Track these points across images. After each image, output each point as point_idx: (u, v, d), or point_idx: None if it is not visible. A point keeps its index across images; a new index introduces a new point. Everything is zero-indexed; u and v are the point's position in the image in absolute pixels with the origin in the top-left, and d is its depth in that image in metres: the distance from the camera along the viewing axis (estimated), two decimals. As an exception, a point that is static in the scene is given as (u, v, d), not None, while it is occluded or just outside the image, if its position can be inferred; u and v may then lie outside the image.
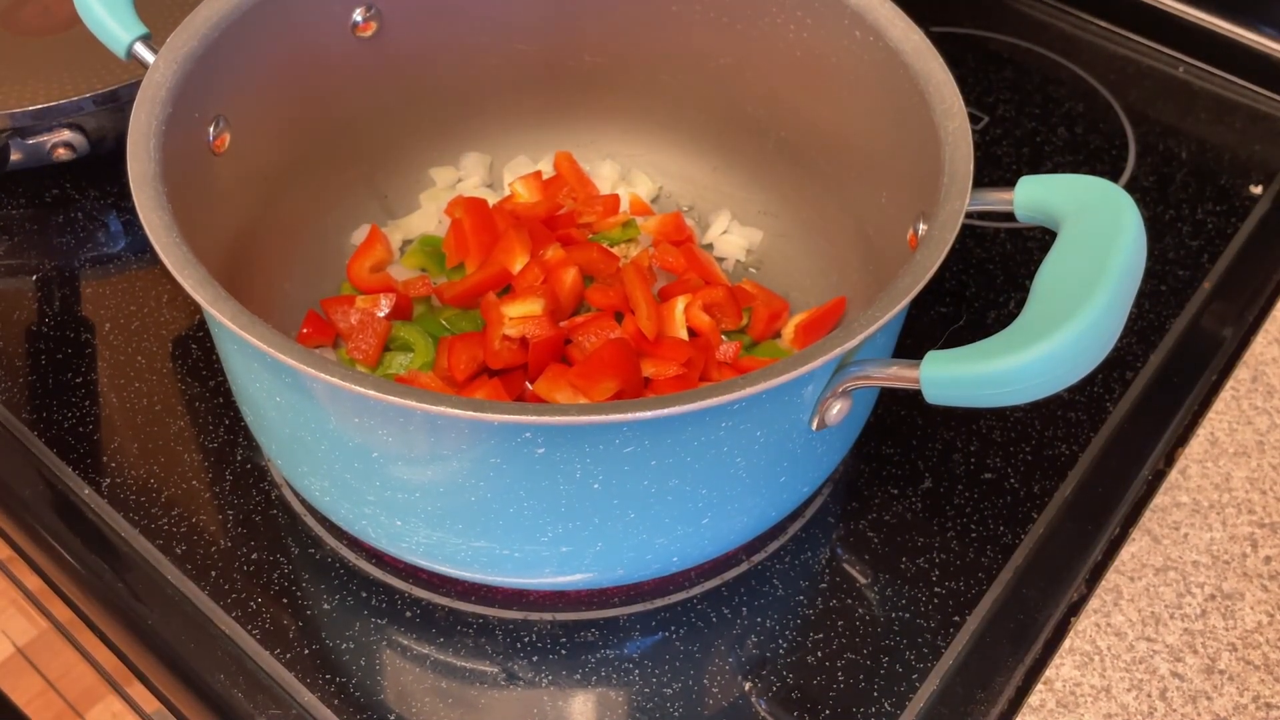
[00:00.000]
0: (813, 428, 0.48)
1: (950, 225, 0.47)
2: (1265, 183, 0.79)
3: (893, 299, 0.45)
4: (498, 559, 0.50)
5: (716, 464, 0.47)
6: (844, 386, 0.46)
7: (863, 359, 0.46)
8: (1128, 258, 0.44)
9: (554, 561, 0.50)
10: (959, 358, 0.43)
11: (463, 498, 0.47)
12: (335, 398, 0.45)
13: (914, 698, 0.53)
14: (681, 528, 0.49)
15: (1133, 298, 0.44)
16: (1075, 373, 0.42)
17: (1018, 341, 0.42)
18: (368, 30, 0.64)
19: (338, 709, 0.52)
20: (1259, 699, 0.53)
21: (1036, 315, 0.43)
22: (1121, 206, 0.46)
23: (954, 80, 0.54)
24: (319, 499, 0.53)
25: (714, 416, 0.44)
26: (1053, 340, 0.41)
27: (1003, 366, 0.42)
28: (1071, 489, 0.61)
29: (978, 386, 0.42)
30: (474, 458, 0.45)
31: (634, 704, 0.53)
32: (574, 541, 0.48)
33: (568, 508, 0.47)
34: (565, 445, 0.44)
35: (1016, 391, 0.42)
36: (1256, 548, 0.59)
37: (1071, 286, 0.43)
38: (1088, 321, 0.41)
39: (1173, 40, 0.89)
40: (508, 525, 0.48)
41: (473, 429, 0.44)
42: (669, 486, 0.47)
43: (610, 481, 0.46)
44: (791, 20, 0.62)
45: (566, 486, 0.45)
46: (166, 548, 0.57)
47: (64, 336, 0.66)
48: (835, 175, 0.65)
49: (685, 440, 0.45)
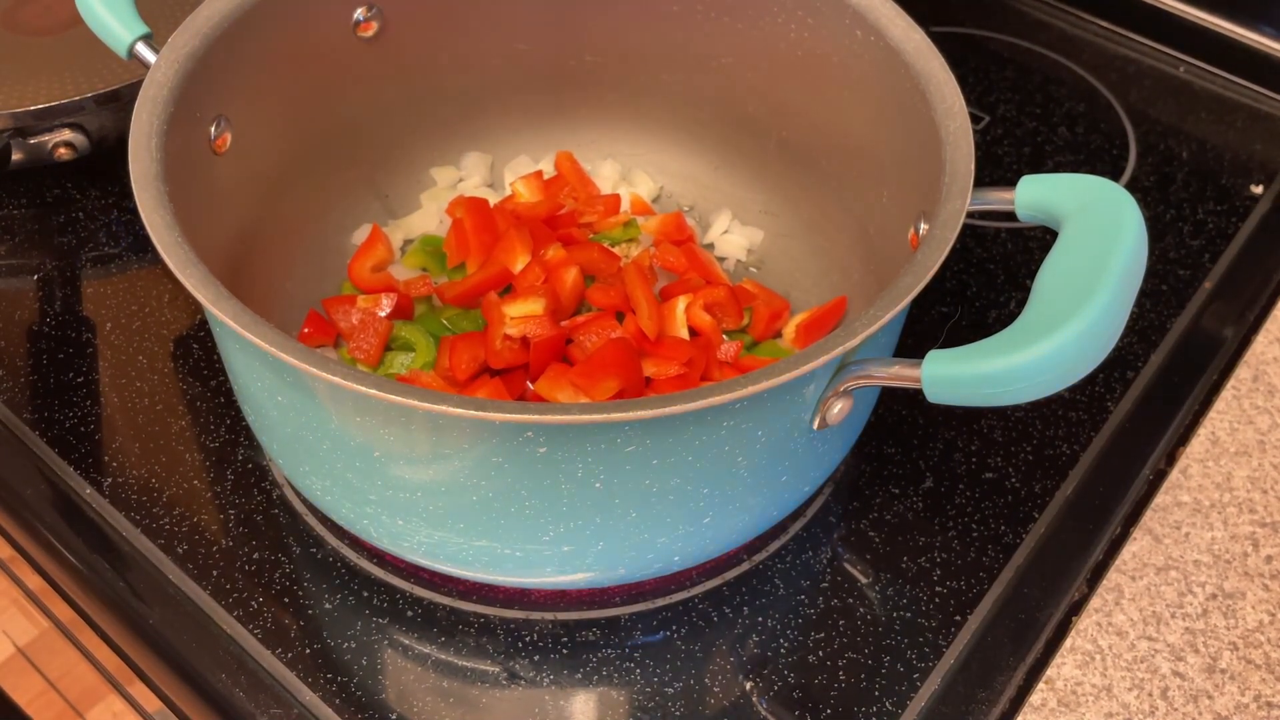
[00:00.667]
0: (814, 427, 0.48)
1: (951, 225, 0.47)
2: (1266, 182, 0.79)
3: (894, 299, 0.45)
4: (499, 558, 0.50)
5: (718, 463, 0.47)
6: (845, 386, 0.46)
7: (864, 358, 0.46)
8: (1129, 257, 0.44)
9: (555, 561, 0.50)
10: (960, 357, 0.43)
11: (464, 497, 0.47)
12: (337, 397, 0.45)
13: (915, 697, 0.53)
14: (683, 527, 0.49)
15: (1134, 297, 0.44)
16: (1076, 372, 0.42)
17: (1019, 341, 0.42)
18: (369, 30, 0.64)
19: (339, 708, 0.52)
20: (1260, 698, 0.53)
21: (1037, 315, 0.43)
22: (1123, 206, 0.46)
23: (955, 80, 0.54)
24: (320, 498, 0.53)
25: (715, 416, 0.44)
26: (1053, 340, 0.41)
27: (1004, 366, 0.42)
28: (1073, 488, 0.61)
29: (979, 386, 0.42)
30: (476, 457, 0.45)
31: (635, 703, 0.53)
32: (575, 541, 0.48)
33: (569, 507, 0.47)
34: (567, 444, 0.44)
35: (1017, 391, 0.42)
36: (1258, 547, 0.59)
37: (1072, 286, 0.43)
38: (1088, 321, 0.41)
39: (1173, 40, 0.89)
40: (509, 525, 0.48)
41: (475, 428, 0.44)
42: (671, 486, 0.47)
43: (612, 481, 0.46)
44: (792, 20, 0.62)
45: (568, 486, 0.45)
46: (168, 547, 0.57)
47: (65, 336, 0.66)
48: (836, 175, 0.65)
49: (687, 440, 0.45)
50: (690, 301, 0.63)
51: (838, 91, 0.62)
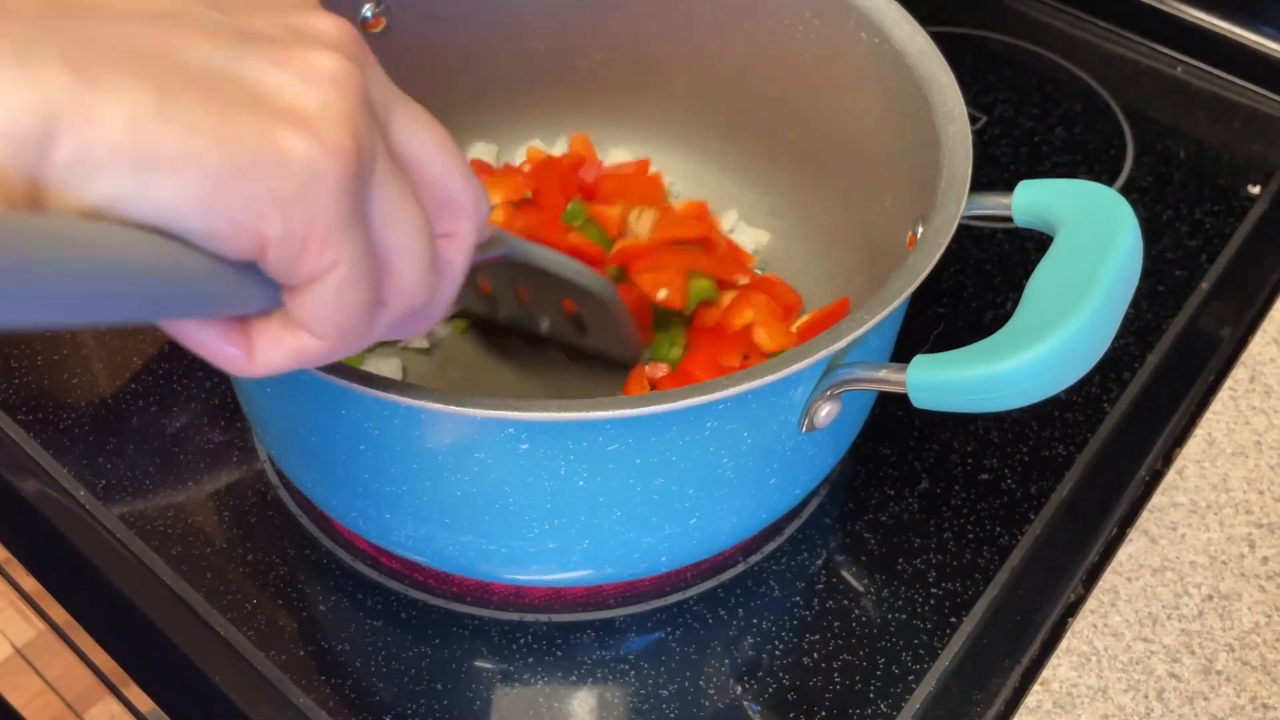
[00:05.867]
0: (802, 430, 0.48)
1: (945, 230, 0.47)
2: (1263, 183, 0.79)
3: (883, 302, 0.44)
4: (485, 553, 0.50)
5: (703, 464, 0.47)
6: (833, 389, 0.46)
7: (852, 361, 0.46)
8: (1121, 265, 0.44)
9: (541, 557, 0.50)
10: (945, 363, 0.42)
11: (449, 492, 0.47)
12: (321, 390, 0.45)
13: (910, 699, 0.53)
14: (669, 527, 0.49)
15: (1126, 304, 0.44)
16: (1063, 380, 0.42)
17: (1004, 348, 0.41)
18: (377, 26, 0.64)
19: (333, 710, 0.52)
20: (1256, 700, 0.53)
21: (1025, 322, 0.42)
22: (1118, 212, 0.46)
23: (957, 84, 0.53)
24: (312, 490, 0.53)
25: (698, 416, 0.44)
26: (1039, 347, 0.41)
27: (988, 372, 0.41)
28: (1068, 490, 0.61)
29: (963, 392, 0.42)
30: (459, 452, 0.45)
31: (630, 705, 0.53)
32: (561, 538, 0.48)
33: (553, 504, 0.47)
34: (549, 442, 0.44)
35: (1003, 398, 0.42)
36: (1254, 548, 0.59)
37: (1062, 293, 0.43)
38: (1075, 329, 0.41)
39: (1171, 40, 0.89)
40: (494, 520, 0.48)
41: (457, 423, 0.44)
42: (655, 485, 0.47)
43: (595, 479, 0.46)
44: (799, 21, 0.62)
45: (551, 483, 0.45)
46: (162, 549, 0.57)
47: (60, 337, 0.66)
48: (841, 177, 0.65)
49: (670, 439, 0.45)
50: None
51: (843, 94, 0.62)
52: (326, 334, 0.32)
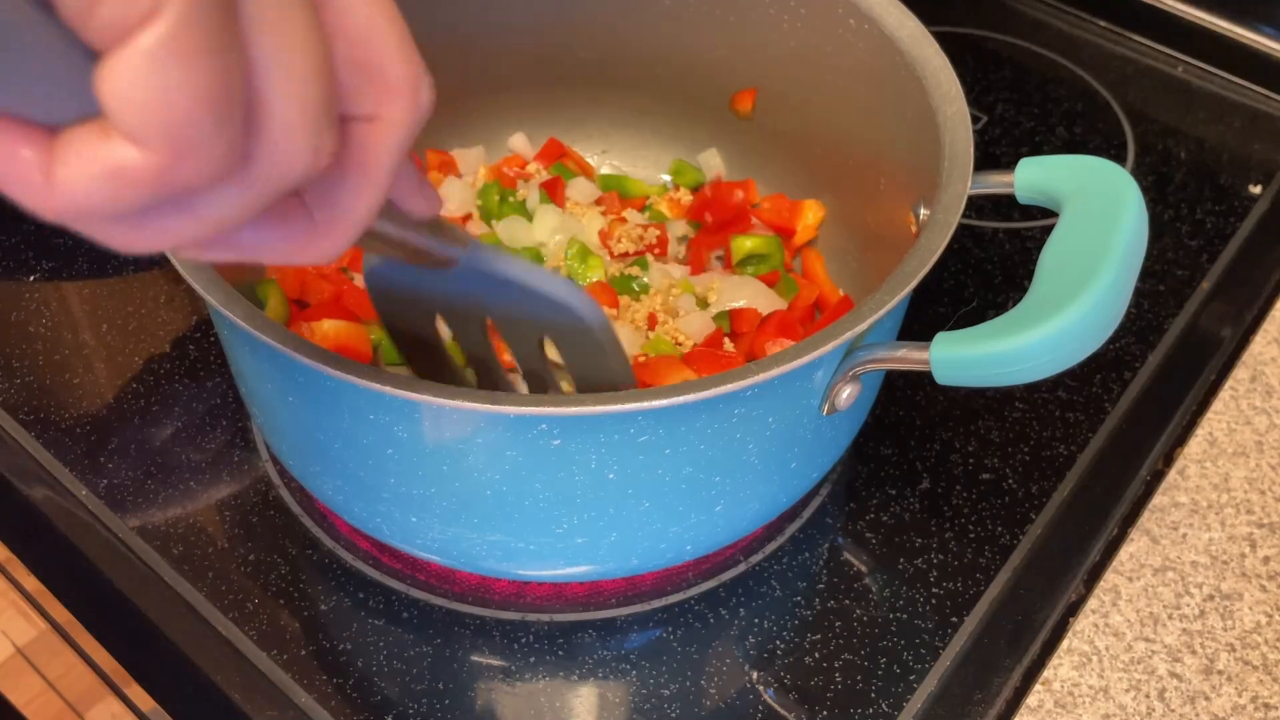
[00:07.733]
0: (824, 412, 0.48)
1: (954, 208, 0.48)
2: (1264, 182, 0.79)
3: (900, 282, 0.45)
4: (513, 552, 0.50)
5: (729, 451, 0.47)
6: (854, 370, 0.47)
7: (871, 343, 0.47)
8: (1130, 235, 0.44)
9: (569, 553, 0.50)
10: (968, 338, 0.43)
11: (478, 491, 0.47)
12: (350, 395, 0.45)
13: (912, 698, 0.53)
14: (695, 515, 0.50)
15: (1136, 274, 0.45)
16: (1082, 350, 0.43)
17: (1025, 320, 0.42)
18: None
19: (335, 710, 0.52)
20: (1257, 699, 0.53)
21: (1042, 295, 0.43)
22: (1122, 184, 0.47)
23: (950, 65, 0.54)
24: (331, 498, 0.53)
25: (727, 403, 0.45)
26: (1060, 318, 0.42)
27: (1011, 345, 0.42)
28: (1070, 489, 0.61)
29: (987, 366, 0.43)
30: (490, 450, 0.45)
31: (631, 704, 0.53)
32: (589, 532, 0.48)
33: (583, 498, 0.47)
34: (580, 436, 0.44)
35: (1025, 370, 0.43)
36: (1255, 548, 0.59)
37: (1076, 265, 0.43)
38: (1094, 299, 0.42)
39: (1172, 40, 0.89)
40: (523, 518, 0.48)
41: (489, 422, 0.44)
42: (683, 475, 0.47)
43: (625, 471, 0.46)
44: (785, 11, 0.63)
45: (582, 477, 0.46)
46: (164, 549, 0.57)
47: (61, 337, 0.66)
48: (833, 164, 0.65)
49: (699, 428, 0.45)
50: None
51: (833, 81, 0.62)
52: (147, 137, 0.22)
